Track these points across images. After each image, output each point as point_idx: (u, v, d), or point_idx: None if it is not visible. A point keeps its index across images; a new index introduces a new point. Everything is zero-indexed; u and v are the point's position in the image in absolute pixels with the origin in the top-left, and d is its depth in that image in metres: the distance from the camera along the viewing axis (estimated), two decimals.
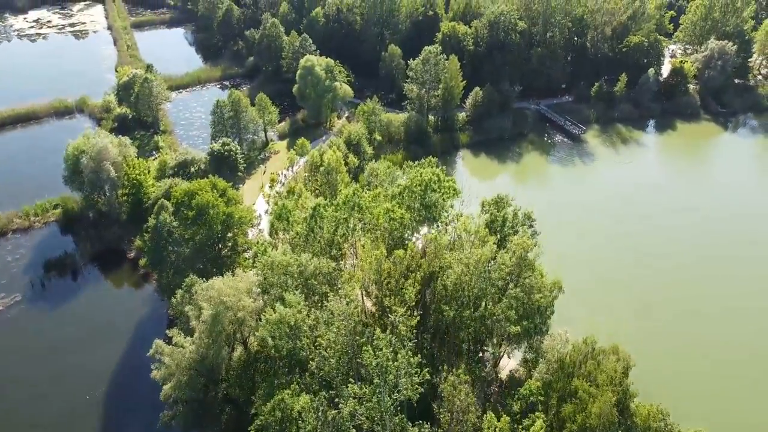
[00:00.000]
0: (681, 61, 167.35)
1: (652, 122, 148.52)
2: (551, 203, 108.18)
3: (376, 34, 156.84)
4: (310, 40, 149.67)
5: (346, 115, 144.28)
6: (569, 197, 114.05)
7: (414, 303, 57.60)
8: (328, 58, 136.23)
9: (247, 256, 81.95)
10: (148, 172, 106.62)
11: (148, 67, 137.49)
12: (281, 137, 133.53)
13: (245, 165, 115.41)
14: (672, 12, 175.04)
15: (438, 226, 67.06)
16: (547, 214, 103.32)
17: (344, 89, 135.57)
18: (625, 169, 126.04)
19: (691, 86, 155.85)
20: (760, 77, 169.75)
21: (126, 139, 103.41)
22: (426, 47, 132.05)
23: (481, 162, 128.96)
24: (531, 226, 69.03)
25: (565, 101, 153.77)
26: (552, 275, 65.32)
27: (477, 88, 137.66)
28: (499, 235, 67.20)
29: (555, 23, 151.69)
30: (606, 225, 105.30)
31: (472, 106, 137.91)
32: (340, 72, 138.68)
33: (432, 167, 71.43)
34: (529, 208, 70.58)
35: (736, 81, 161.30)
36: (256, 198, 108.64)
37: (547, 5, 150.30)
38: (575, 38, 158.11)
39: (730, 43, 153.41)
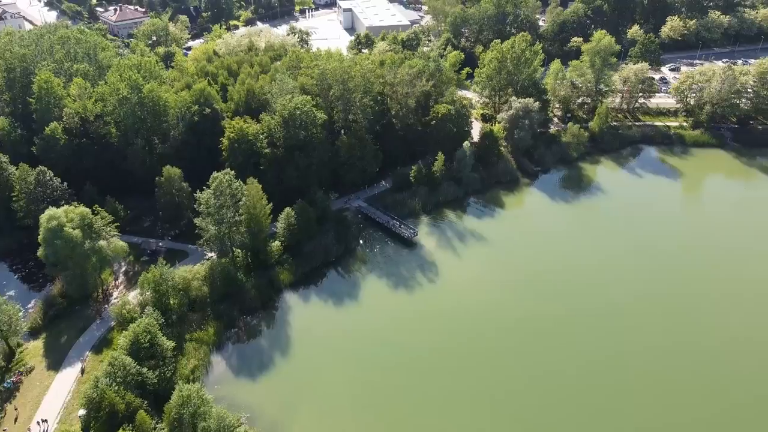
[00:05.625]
0: (482, 112, 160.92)
1: (477, 202, 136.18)
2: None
3: (142, 146, 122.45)
4: (50, 173, 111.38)
5: (123, 269, 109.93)
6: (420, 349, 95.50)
7: None
8: (82, 207, 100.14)
9: None
10: None
11: None
12: (34, 333, 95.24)
13: None
14: (468, 69, 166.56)
15: None
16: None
17: (115, 245, 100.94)
18: (471, 282, 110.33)
19: (502, 148, 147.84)
20: (556, 119, 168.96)
21: None
22: (215, 174, 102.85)
23: (313, 312, 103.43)
24: None
25: (383, 189, 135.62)
26: None
27: (288, 210, 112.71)
28: None
29: (356, 104, 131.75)
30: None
31: (286, 230, 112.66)
32: (103, 218, 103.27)
33: None
34: None
35: (540, 131, 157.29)
36: None
37: (344, 88, 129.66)
38: (381, 111, 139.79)
39: (531, 99, 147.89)
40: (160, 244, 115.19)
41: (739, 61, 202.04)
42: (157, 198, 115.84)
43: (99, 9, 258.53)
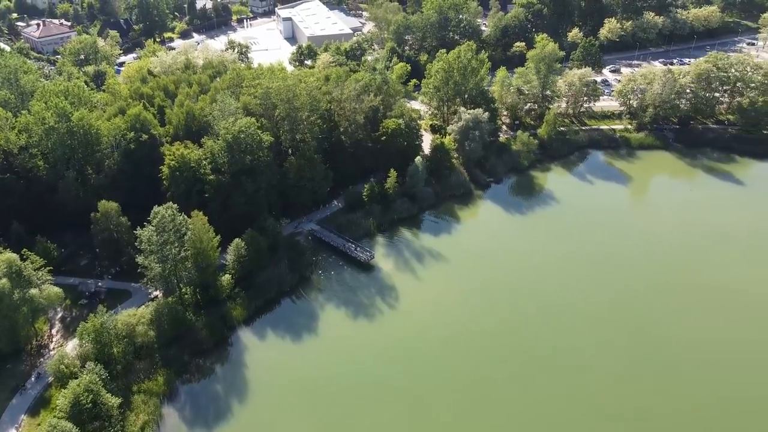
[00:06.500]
0: (431, 123, 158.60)
1: (432, 216, 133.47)
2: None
3: (74, 178, 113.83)
4: None
5: (60, 315, 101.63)
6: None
7: None
8: (9, 253, 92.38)
9: None
10: None
11: None
12: None
13: None
14: (415, 80, 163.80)
15: None
16: None
17: (48, 292, 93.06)
18: (431, 303, 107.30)
19: (454, 160, 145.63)
20: (504, 127, 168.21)
21: None
22: (156, 208, 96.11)
23: (270, 349, 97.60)
24: None
25: (336, 210, 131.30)
26: None
27: (237, 240, 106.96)
28: None
29: (303, 123, 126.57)
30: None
31: (237, 262, 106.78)
32: (33, 262, 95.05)
33: None
34: None
35: (490, 139, 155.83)
36: None
37: (290, 107, 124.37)
38: (329, 129, 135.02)
39: (481, 110, 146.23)
40: (100, 284, 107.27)
41: (675, 60, 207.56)
42: (93, 235, 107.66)
43: (20, 24, 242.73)
